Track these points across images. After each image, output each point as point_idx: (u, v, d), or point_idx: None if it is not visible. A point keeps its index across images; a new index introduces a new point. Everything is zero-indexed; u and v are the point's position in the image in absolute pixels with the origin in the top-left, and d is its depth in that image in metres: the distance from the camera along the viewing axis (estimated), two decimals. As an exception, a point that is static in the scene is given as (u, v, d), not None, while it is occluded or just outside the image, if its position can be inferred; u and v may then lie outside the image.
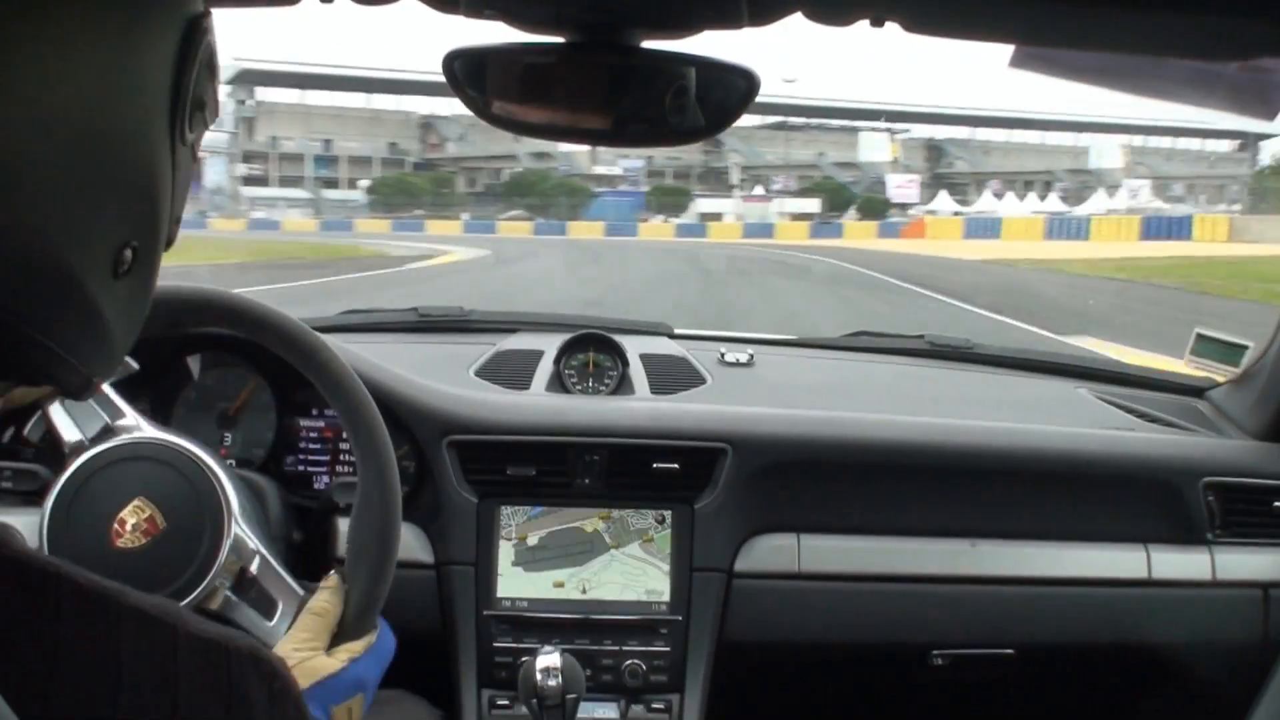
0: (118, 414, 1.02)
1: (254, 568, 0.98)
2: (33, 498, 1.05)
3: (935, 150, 72.90)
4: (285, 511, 1.18)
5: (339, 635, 0.95)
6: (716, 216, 54.71)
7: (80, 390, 0.50)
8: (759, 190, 61.69)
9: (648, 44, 0.77)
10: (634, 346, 1.77)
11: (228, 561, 0.96)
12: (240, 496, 1.01)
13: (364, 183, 62.18)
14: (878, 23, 0.70)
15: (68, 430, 1.00)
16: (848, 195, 60.25)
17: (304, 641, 0.92)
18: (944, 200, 55.79)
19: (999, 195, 56.88)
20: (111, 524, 0.93)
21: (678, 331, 2.01)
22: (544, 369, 1.70)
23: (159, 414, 1.40)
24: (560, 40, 0.77)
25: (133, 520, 0.94)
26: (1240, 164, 69.29)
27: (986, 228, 39.90)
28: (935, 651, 1.51)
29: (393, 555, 0.98)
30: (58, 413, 1.00)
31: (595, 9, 0.74)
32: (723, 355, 1.83)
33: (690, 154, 62.91)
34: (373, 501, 0.98)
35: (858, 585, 1.49)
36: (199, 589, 0.94)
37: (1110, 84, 0.86)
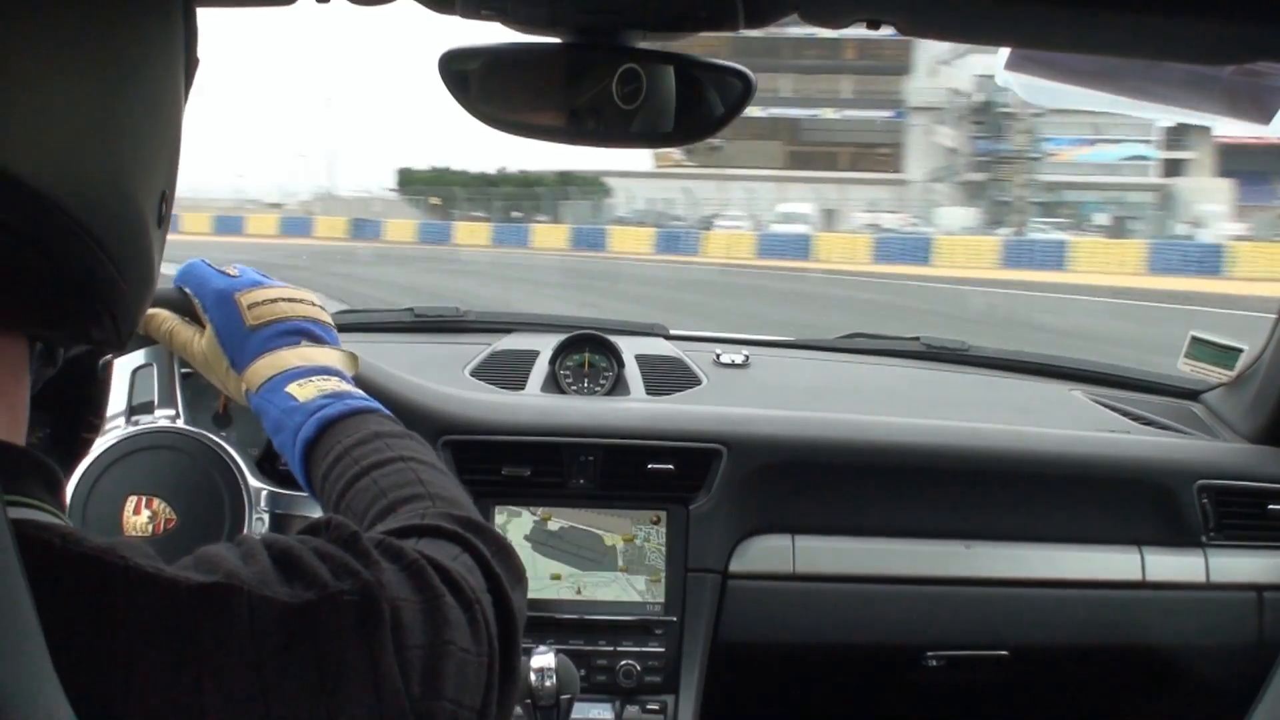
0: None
1: None
2: None
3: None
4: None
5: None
6: None
7: (115, 343, 0.54)
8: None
9: (644, 45, 0.78)
10: (629, 347, 1.77)
11: None
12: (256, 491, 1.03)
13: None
14: (873, 25, 0.70)
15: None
16: None
17: (225, 373, 0.89)
18: None
19: None
20: (128, 513, 0.94)
21: (673, 332, 2.00)
22: (539, 369, 1.70)
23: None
24: (557, 41, 0.77)
25: (149, 511, 0.95)
26: None
27: None
28: (930, 653, 1.51)
29: None
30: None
31: (592, 10, 0.74)
32: (718, 356, 1.83)
33: None
34: None
35: (852, 586, 1.49)
36: None
37: (1106, 87, 0.86)
